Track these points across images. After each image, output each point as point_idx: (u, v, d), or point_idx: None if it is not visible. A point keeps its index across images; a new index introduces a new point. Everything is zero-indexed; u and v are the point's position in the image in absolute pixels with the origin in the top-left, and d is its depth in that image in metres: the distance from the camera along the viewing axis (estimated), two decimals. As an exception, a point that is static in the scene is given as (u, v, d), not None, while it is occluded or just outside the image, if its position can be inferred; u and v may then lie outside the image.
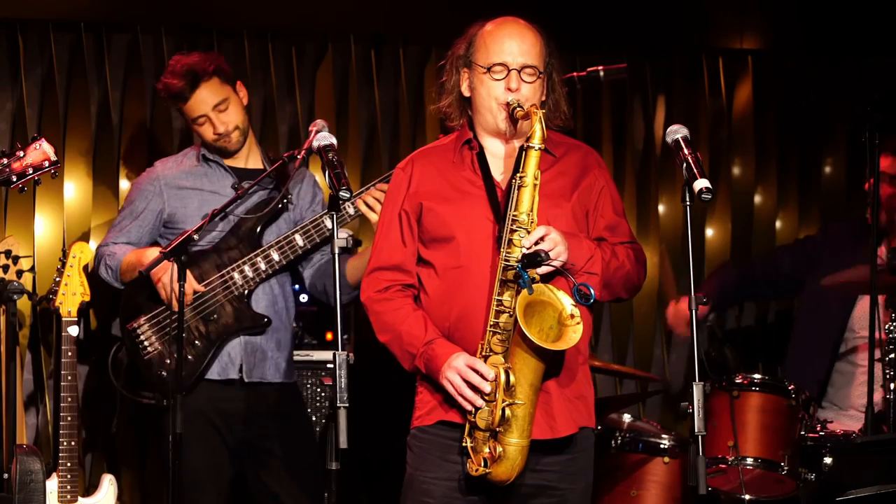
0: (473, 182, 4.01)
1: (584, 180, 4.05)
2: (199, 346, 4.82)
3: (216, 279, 4.83)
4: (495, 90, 3.97)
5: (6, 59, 5.61)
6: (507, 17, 4.05)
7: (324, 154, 3.98)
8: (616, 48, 6.15)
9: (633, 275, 4.07)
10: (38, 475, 4.63)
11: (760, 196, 6.50)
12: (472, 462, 3.86)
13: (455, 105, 4.08)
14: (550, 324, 3.84)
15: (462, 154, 4.05)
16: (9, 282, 4.77)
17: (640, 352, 6.32)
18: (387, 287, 4.01)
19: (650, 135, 6.35)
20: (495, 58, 3.97)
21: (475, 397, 3.85)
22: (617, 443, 5.19)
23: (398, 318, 3.98)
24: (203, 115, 4.89)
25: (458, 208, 3.98)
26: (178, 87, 4.87)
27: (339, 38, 5.94)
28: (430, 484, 3.93)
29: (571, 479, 3.98)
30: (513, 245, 3.86)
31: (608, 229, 4.07)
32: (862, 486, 4.57)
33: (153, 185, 4.96)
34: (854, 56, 6.51)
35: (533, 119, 3.88)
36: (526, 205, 3.87)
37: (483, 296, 3.91)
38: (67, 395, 4.68)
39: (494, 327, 3.87)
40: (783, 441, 5.01)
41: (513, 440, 3.83)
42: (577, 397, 4.00)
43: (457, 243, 3.95)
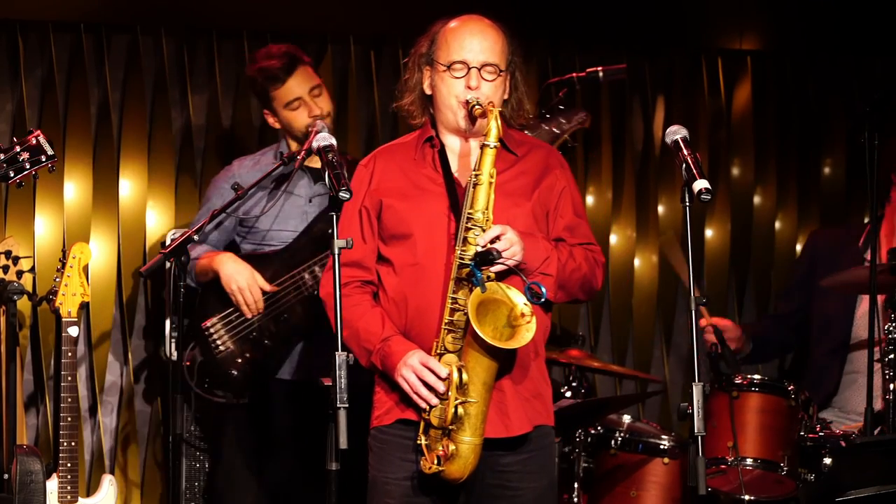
0: (434, 179, 4.03)
1: (544, 180, 4.07)
2: (269, 346, 4.84)
3: (287, 279, 4.85)
4: (455, 88, 3.99)
5: (6, 60, 5.61)
6: (469, 16, 4.06)
7: (324, 154, 3.98)
8: (615, 48, 6.15)
9: (590, 277, 4.09)
10: (39, 476, 4.63)
11: (760, 196, 6.50)
12: (425, 460, 3.89)
13: (417, 103, 4.09)
14: (504, 322, 3.86)
15: (423, 151, 4.07)
16: (9, 282, 4.77)
17: (639, 352, 6.32)
18: (346, 283, 4.01)
19: (649, 135, 6.35)
20: (456, 55, 3.99)
21: (430, 395, 3.87)
22: (616, 443, 5.19)
23: (356, 315, 3.99)
24: (299, 97, 4.91)
25: (418, 205, 3.99)
26: (275, 69, 4.90)
27: (338, 39, 5.95)
28: (391, 484, 3.95)
29: (532, 478, 4.00)
30: (468, 243, 3.88)
31: (567, 230, 4.08)
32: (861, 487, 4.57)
33: (229, 183, 4.97)
34: (853, 56, 6.52)
35: (489, 117, 3.90)
36: (481, 203, 3.89)
37: (440, 293, 3.93)
38: (67, 395, 4.68)
39: (449, 325, 3.89)
40: (783, 441, 5.01)
41: (465, 438, 3.85)
42: (534, 396, 4.01)
43: (415, 240, 3.97)
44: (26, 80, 5.60)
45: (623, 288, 6.30)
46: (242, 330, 4.86)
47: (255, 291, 4.81)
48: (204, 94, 5.80)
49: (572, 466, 5.17)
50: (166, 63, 5.73)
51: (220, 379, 4.85)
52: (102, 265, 5.64)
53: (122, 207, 5.68)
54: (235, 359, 4.84)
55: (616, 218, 6.30)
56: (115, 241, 5.67)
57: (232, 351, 4.84)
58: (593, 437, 5.20)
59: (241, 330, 4.85)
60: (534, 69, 6.10)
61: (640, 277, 6.32)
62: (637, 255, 6.32)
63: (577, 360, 5.44)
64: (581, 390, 5.43)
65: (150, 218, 5.69)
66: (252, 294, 4.80)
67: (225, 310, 4.87)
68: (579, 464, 5.17)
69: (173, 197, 5.73)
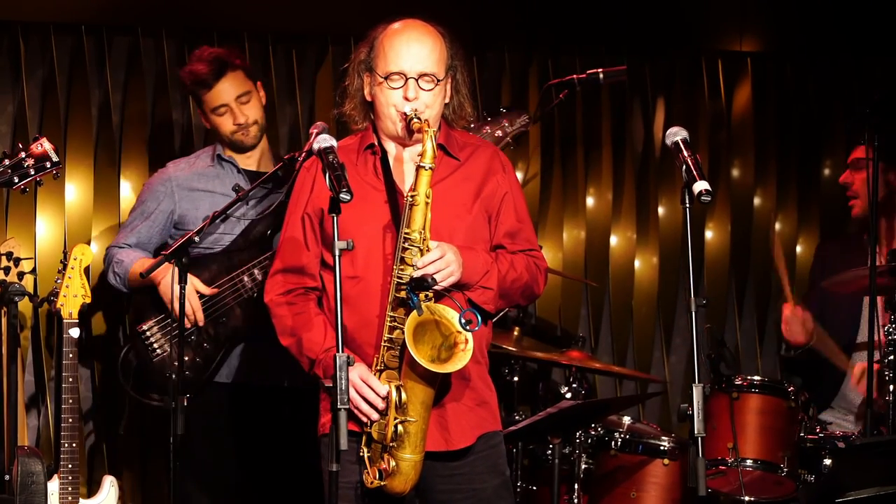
0: (376, 187, 4.02)
1: (486, 186, 4.05)
2: (208, 349, 4.83)
3: (226, 282, 4.84)
4: (393, 98, 3.97)
5: (7, 62, 5.62)
6: (406, 21, 4.04)
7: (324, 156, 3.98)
8: (616, 50, 6.15)
9: (531, 284, 4.09)
10: (40, 477, 4.64)
11: (760, 198, 6.50)
12: (367, 474, 3.90)
13: (358, 109, 4.08)
14: (440, 342, 3.86)
15: (365, 157, 4.05)
16: (10, 284, 4.77)
17: (639, 353, 6.32)
18: (289, 290, 4.02)
19: (650, 137, 6.36)
20: (392, 66, 3.97)
21: (370, 411, 3.88)
22: (616, 444, 5.20)
23: (299, 323, 3.98)
24: (225, 104, 4.91)
25: (359, 214, 3.96)
26: (203, 74, 4.89)
27: (339, 41, 5.95)
28: (344, 489, 3.92)
29: (482, 479, 4.01)
30: (405, 263, 3.87)
31: (508, 236, 4.08)
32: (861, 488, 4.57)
33: (164, 186, 4.97)
34: (853, 57, 6.52)
35: (423, 137, 3.88)
36: (418, 223, 3.87)
37: (380, 306, 3.92)
38: (69, 396, 4.68)
39: (389, 342, 3.89)
40: (783, 442, 5.02)
41: (406, 455, 3.87)
42: (478, 404, 4.03)
43: (356, 252, 3.90)
44: (27, 82, 5.60)
45: (623, 289, 6.30)
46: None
47: (194, 302, 4.78)
48: (205, 95, 5.80)
49: (573, 467, 5.18)
50: (167, 65, 5.74)
51: (157, 383, 4.83)
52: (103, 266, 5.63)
53: (123, 209, 5.68)
54: (173, 362, 4.81)
55: (616, 219, 6.31)
56: (116, 243, 5.68)
57: (169, 354, 4.83)
58: (593, 438, 5.21)
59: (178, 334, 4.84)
60: (534, 71, 6.11)
61: (640, 279, 6.32)
62: (637, 257, 6.33)
63: (578, 362, 5.45)
64: (581, 391, 5.44)
65: (151, 219, 5.69)
66: (191, 304, 4.78)
67: (161, 313, 4.85)
68: (579, 465, 5.17)
69: (174, 198, 5.73)
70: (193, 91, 4.98)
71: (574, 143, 6.24)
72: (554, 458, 5.01)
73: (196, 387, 4.80)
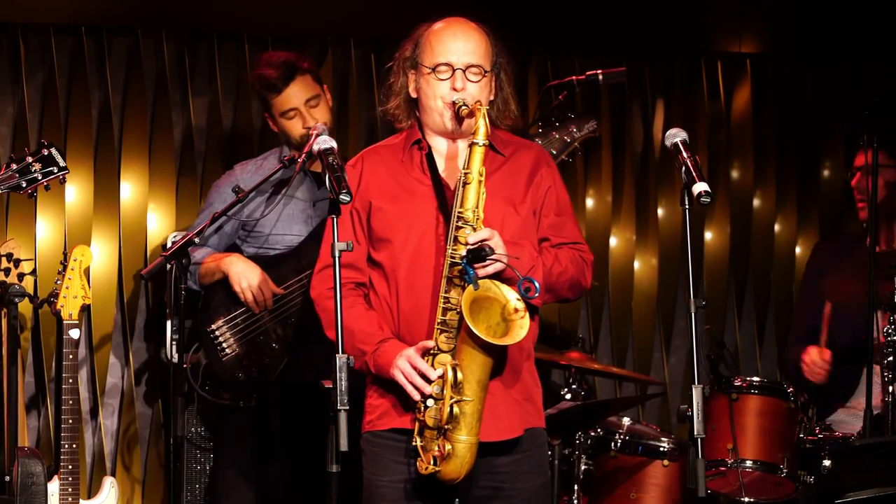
0: (422, 181, 4.04)
1: (533, 181, 4.08)
2: (276, 349, 4.85)
3: (294, 283, 4.85)
4: (441, 90, 4.00)
5: (7, 63, 5.62)
6: (453, 18, 4.08)
7: (324, 157, 3.99)
8: (615, 52, 6.16)
9: (578, 277, 4.10)
10: (40, 478, 4.64)
11: (759, 199, 6.51)
12: (421, 461, 3.89)
13: (403, 107, 4.11)
14: (497, 319, 3.87)
15: (411, 154, 4.07)
16: (10, 285, 4.78)
17: (639, 355, 6.32)
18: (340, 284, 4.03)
19: (649, 138, 6.36)
20: (440, 58, 4.00)
21: (423, 384, 3.86)
22: (616, 445, 5.20)
23: (350, 317, 3.98)
24: (294, 108, 4.91)
25: (406, 208, 4.00)
26: (273, 78, 4.88)
27: (338, 42, 5.96)
28: (386, 488, 3.96)
29: (525, 478, 4.01)
30: (458, 242, 3.89)
31: (552, 229, 4.10)
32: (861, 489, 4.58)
33: (231, 187, 4.97)
34: (852, 59, 6.53)
35: (477, 115, 3.92)
36: (471, 201, 3.90)
37: (430, 295, 3.94)
38: (69, 397, 4.68)
39: (442, 325, 3.90)
40: (782, 444, 5.03)
41: (461, 437, 3.85)
42: (525, 399, 4.03)
43: (405, 243, 3.97)
44: (28, 83, 5.60)
45: (623, 290, 6.31)
46: (249, 333, 4.86)
47: (266, 289, 4.81)
48: (205, 96, 5.81)
49: (572, 468, 5.18)
50: (167, 66, 5.74)
51: (226, 382, 4.86)
52: (103, 268, 5.65)
53: (123, 210, 5.69)
54: (241, 362, 4.85)
55: (616, 220, 6.31)
56: (116, 244, 5.68)
57: (238, 354, 4.85)
58: (593, 440, 5.21)
59: (247, 333, 4.86)
60: (534, 72, 6.12)
61: (639, 280, 6.33)
62: (637, 258, 6.33)
63: (577, 363, 5.45)
64: (581, 392, 5.43)
65: (151, 220, 5.70)
66: (263, 291, 4.80)
67: (230, 313, 4.87)
68: (579, 466, 5.18)
69: (174, 200, 5.74)
70: (262, 95, 4.97)
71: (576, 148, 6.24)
72: (553, 459, 5.01)
73: (265, 387, 4.84)
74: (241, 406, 4.87)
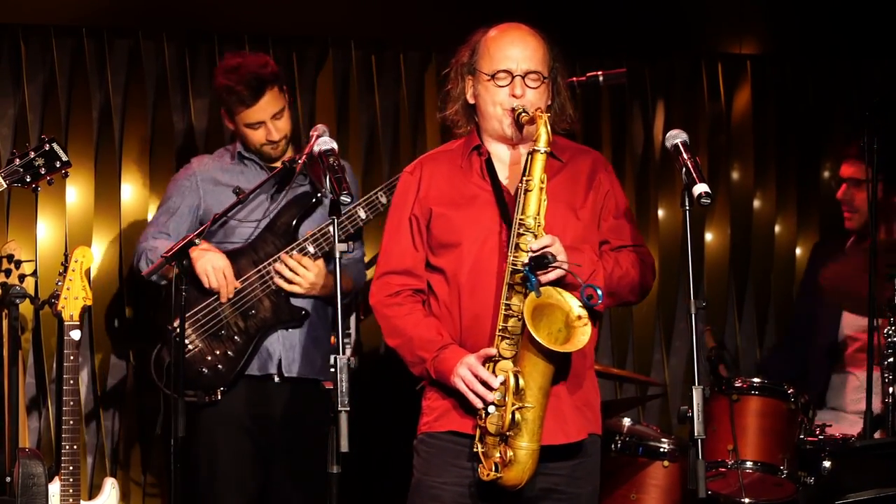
0: (482, 188, 4.03)
1: (592, 186, 4.07)
2: (238, 342, 4.86)
3: (253, 274, 4.87)
4: (500, 96, 3.99)
5: (8, 65, 5.62)
6: (510, 24, 4.07)
7: (325, 159, 3.99)
8: (615, 53, 6.16)
9: (639, 280, 4.08)
10: (41, 479, 4.64)
11: (759, 201, 6.51)
12: (483, 467, 3.87)
13: (462, 112, 4.09)
14: (559, 326, 3.86)
15: (470, 160, 4.07)
16: (11, 286, 4.78)
17: (639, 356, 6.33)
18: (397, 291, 4.03)
19: (649, 139, 6.37)
20: (499, 65, 3.99)
21: (486, 392, 3.86)
22: (617, 446, 5.20)
23: (409, 323, 3.99)
24: (261, 121, 4.91)
25: (468, 214, 3.99)
26: (242, 93, 4.88)
27: (339, 44, 5.96)
28: (440, 489, 3.95)
29: (578, 484, 4.01)
30: (520, 249, 3.88)
31: (612, 232, 4.09)
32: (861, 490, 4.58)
33: (189, 181, 5.00)
34: (853, 60, 6.53)
35: (538, 123, 3.91)
36: (533, 208, 3.89)
37: (492, 301, 3.92)
38: (69, 398, 4.69)
39: (503, 332, 3.89)
40: (782, 444, 5.03)
41: (523, 444, 3.84)
42: (585, 404, 4.03)
43: (466, 249, 3.97)
44: (28, 85, 5.61)
45: (623, 291, 6.30)
46: (210, 328, 4.86)
47: (229, 273, 4.82)
48: (205, 98, 5.81)
49: (573, 469, 5.18)
50: (168, 67, 5.74)
51: (190, 378, 4.85)
52: (104, 268, 5.65)
53: (123, 211, 5.69)
54: (205, 357, 4.85)
55: (616, 222, 6.31)
56: (116, 245, 5.68)
57: (201, 349, 4.85)
58: (593, 440, 5.21)
59: (209, 328, 4.86)
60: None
61: (640, 281, 6.33)
62: (637, 259, 6.33)
63: (578, 364, 5.45)
64: (581, 393, 5.43)
65: (152, 222, 5.70)
66: (227, 276, 4.82)
67: (190, 309, 4.86)
68: (580, 467, 5.18)
69: (175, 201, 5.74)
70: (227, 104, 4.96)
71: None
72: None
73: (228, 380, 4.83)
74: (206, 402, 4.87)
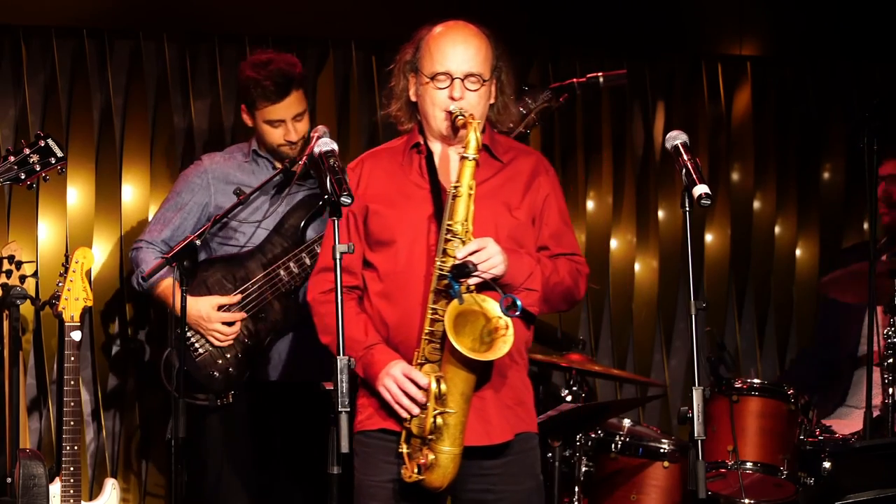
0: (420, 186, 4.03)
1: (531, 188, 4.06)
2: (249, 345, 4.86)
3: (262, 278, 4.86)
4: (439, 98, 3.99)
5: (9, 65, 5.63)
6: (453, 22, 4.06)
7: (325, 160, 3.99)
8: (616, 54, 6.17)
9: (573, 289, 4.09)
10: (41, 479, 4.65)
11: (760, 202, 6.51)
12: (406, 468, 3.90)
13: (404, 109, 4.10)
14: (483, 333, 3.87)
15: (410, 157, 4.07)
16: (12, 287, 4.78)
17: (639, 356, 6.33)
18: (331, 289, 4.00)
19: (649, 140, 6.37)
20: (439, 66, 3.98)
21: (411, 406, 3.89)
22: (617, 447, 5.21)
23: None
24: (282, 120, 4.90)
25: (403, 212, 4.00)
26: (270, 89, 4.87)
27: (339, 45, 5.96)
28: (376, 487, 3.96)
29: (515, 481, 4.01)
30: (447, 255, 3.88)
31: (553, 238, 4.09)
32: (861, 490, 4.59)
33: (200, 178, 4.99)
34: (852, 62, 6.54)
35: (468, 129, 3.91)
36: (461, 214, 3.89)
37: (420, 302, 3.94)
38: (70, 399, 4.69)
39: (429, 335, 3.90)
40: (782, 445, 5.03)
41: (445, 448, 3.87)
42: (517, 403, 4.03)
43: (399, 248, 3.97)
44: (29, 85, 5.61)
45: (623, 292, 6.31)
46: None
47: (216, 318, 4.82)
48: (206, 98, 5.81)
49: (573, 470, 5.18)
50: (168, 68, 5.75)
51: (201, 381, 4.86)
52: (105, 270, 5.66)
53: (124, 212, 5.69)
54: (215, 360, 4.85)
55: (616, 223, 6.32)
56: (117, 246, 5.69)
57: (211, 352, 4.86)
58: (594, 441, 5.21)
59: None
60: (535, 74, 6.13)
61: (640, 282, 6.34)
62: (637, 260, 6.34)
63: (578, 365, 5.45)
64: (581, 394, 5.44)
65: (153, 222, 5.71)
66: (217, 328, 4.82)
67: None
68: (580, 467, 5.18)
69: (175, 201, 5.74)
70: (250, 96, 4.95)
71: (574, 146, 6.26)
72: (554, 460, 5.02)
73: (240, 384, 4.84)
74: (217, 405, 4.87)
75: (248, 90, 4.95)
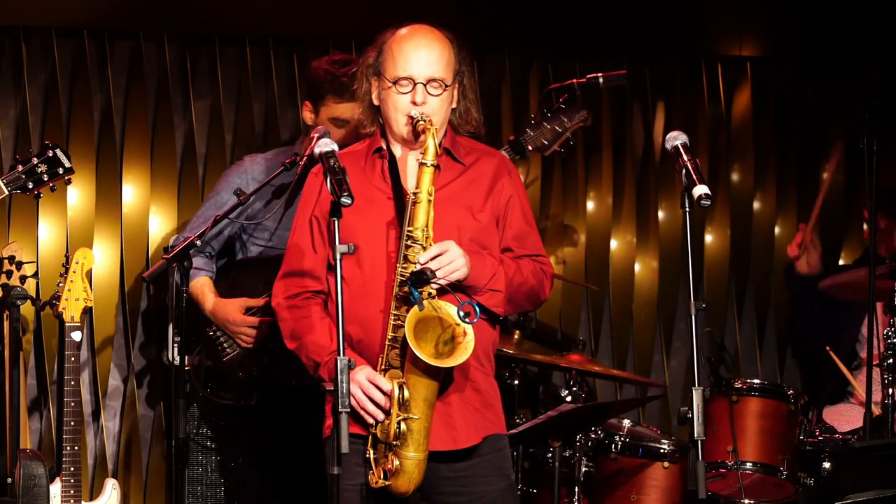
0: (383, 190, 4.03)
1: (493, 190, 4.06)
2: (274, 348, 4.86)
3: None
4: (401, 103, 3.99)
5: (10, 66, 5.63)
6: (415, 26, 4.06)
7: (325, 160, 3.99)
8: (616, 55, 6.17)
9: (537, 289, 4.10)
10: (42, 480, 4.65)
11: (759, 202, 6.51)
12: (372, 474, 3.92)
13: (367, 112, 4.10)
14: (444, 338, 3.89)
15: (373, 161, 4.07)
16: (12, 287, 4.79)
17: (639, 357, 6.33)
18: (296, 294, 4.03)
19: (649, 141, 6.37)
20: (401, 71, 3.98)
21: (376, 411, 3.90)
22: (617, 447, 5.21)
23: (304, 327, 4.00)
24: (347, 120, 4.86)
25: (366, 217, 3.99)
26: (344, 87, 4.82)
27: (340, 45, 5.95)
28: (349, 491, 3.96)
29: (487, 481, 4.02)
30: (408, 261, 3.89)
31: (516, 240, 4.09)
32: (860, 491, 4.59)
33: (240, 178, 5.00)
34: (852, 62, 6.54)
35: (426, 135, 3.91)
36: (421, 220, 3.90)
37: (382, 307, 3.94)
38: (70, 399, 4.69)
39: (392, 341, 3.92)
40: (782, 446, 5.04)
41: (409, 454, 3.88)
42: (484, 406, 4.04)
43: (361, 253, 3.95)
44: (29, 86, 5.61)
45: (623, 293, 6.31)
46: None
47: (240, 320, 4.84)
48: (206, 99, 5.82)
49: (573, 470, 5.19)
50: (169, 69, 5.75)
51: (227, 382, 4.87)
52: (105, 270, 5.66)
53: (125, 212, 5.70)
54: (241, 361, 4.87)
55: (616, 223, 6.32)
56: (117, 246, 5.69)
57: (238, 353, 4.87)
58: (594, 442, 5.22)
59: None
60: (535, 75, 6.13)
61: (640, 282, 6.34)
62: (637, 261, 6.34)
63: (578, 365, 5.46)
64: (581, 395, 5.45)
65: (153, 223, 5.71)
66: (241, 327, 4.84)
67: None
68: (580, 468, 5.19)
69: (176, 202, 5.75)
70: (322, 89, 4.93)
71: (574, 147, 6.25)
72: (554, 461, 5.02)
73: (264, 386, 4.85)
74: (242, 405, 4.89)
75: (320, 84, 4.93)
